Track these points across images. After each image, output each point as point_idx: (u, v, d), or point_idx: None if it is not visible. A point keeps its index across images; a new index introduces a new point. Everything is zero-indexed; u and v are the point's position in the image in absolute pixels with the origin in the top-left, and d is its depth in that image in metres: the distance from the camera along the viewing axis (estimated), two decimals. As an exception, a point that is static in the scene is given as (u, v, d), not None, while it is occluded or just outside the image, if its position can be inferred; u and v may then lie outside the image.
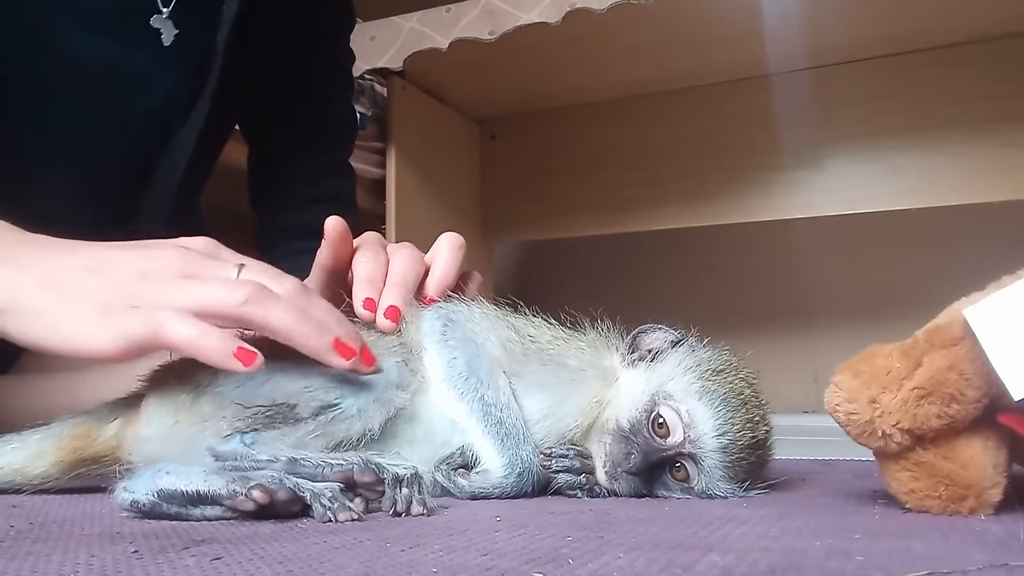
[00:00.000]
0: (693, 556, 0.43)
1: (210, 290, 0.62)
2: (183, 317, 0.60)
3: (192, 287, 0.63)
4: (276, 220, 1.18)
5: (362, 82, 2.01)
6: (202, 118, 1.04)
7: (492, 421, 0.67)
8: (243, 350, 0.59)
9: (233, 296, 0.61)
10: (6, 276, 0.65)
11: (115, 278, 0.64)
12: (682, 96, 2.23)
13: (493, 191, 2.44)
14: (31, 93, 0.95)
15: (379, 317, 0.71)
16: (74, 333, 0.62)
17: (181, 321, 0.60)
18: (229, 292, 0.61)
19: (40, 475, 0.68)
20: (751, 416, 0.67)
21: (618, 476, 0.67)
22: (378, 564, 0.42)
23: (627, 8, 1.69)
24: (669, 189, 2.22)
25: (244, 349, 0.59)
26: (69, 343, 0.63)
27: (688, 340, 0.72)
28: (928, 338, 0.56)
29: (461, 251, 0.80)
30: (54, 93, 0.96)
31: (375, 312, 0.72)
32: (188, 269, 0.64)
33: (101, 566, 0.43)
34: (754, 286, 2.47)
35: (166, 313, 0.60)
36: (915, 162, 2.00)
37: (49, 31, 0.92)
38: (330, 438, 0.64)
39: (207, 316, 0.61)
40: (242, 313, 0.61)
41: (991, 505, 0.55)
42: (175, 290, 0.62)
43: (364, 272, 0.75)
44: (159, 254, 0.66)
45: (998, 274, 0.57)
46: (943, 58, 1.96)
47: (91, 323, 0.62)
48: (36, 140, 0.98)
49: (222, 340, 0.60)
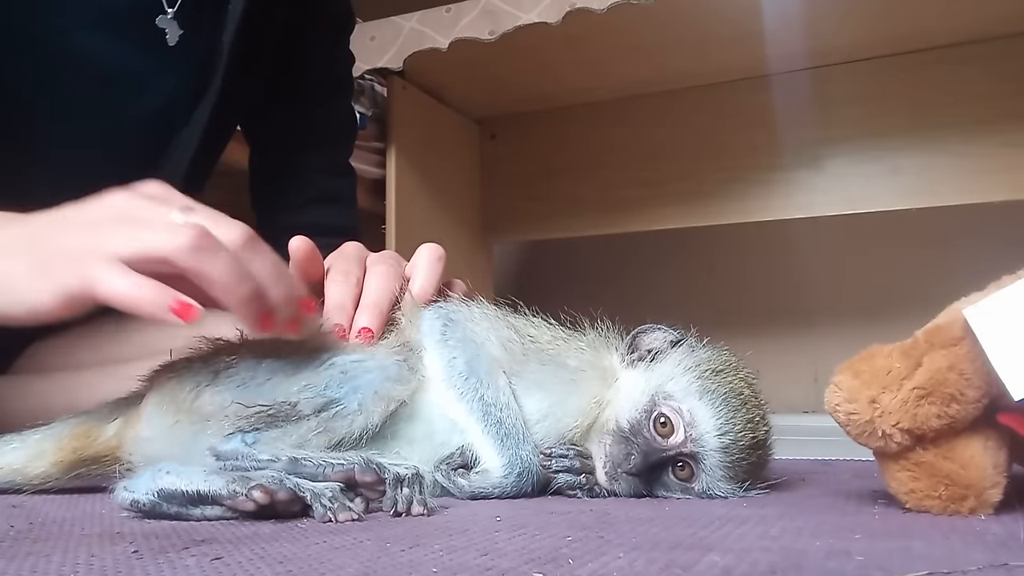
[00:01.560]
0: (693, 556, 0.43)
1: (151, 235, 0.60)
2: (118, 270, 0.58)
3: (133, 232, 0.61)
4: (276, 220, 1.18)
5: (362, 82, 2.01)
6: (205, 118, 1.04)
7: (492, 421, 0.67)
8: (182, 304, 0.57)
9: (174, 241, 0.59)
10: None
11: (60, 233, 0.63)
12: (682, 96, 2.23)
13: (493, 191, 2.44)
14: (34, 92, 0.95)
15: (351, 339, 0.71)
16: (20, 294, 0.62)
17: (116, 274, 0.58)
18: (171, 237, 0.59)
19: (40, 475, 0.68)
20: (751, 416, 0.67)
21: (618, 477, 0.67)
22: (378, 564, 0.42)
23: (627, 8, 1.69)
24: (669, 189, 2.22)
25: (183, 303, 0.57)
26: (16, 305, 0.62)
27: (687, 340, 0.72)
28: (928, 338, 0.56)
29: (440, 263, 0.79)
30: (57, 92, 0.96)
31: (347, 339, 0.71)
32: (131, 213, 0.62)
33: (101, 566, 0.43)
34: (754, 286, 2.47)
35: (101, 266, 0.58)
36: (915, 162, 2.00)
37: (52, 30, 0.92)
38: (332, 435, 0.64)
39: (147, 262, 0.59)
40: (181, 260, 0.59)
41: (991, 505, 0.55)
42: (115, 236, 0.60)
43: (334, 298, 0.74)
44: (105, 201, 0.64)
45: (998, 274, 0.57)
46: (943, 58, 1.96)
47: (34, 280, 0.61)
48: (37, 139, 0.98)
49: (159, 293, 0.58)
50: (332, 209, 1.20)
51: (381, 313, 0.73)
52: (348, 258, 0.79)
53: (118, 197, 0.64)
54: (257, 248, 0.63)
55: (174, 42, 0.98)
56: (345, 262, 0.78)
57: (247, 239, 0.63)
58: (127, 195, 0.64)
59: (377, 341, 0.71)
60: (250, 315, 0.61)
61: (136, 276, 0.58)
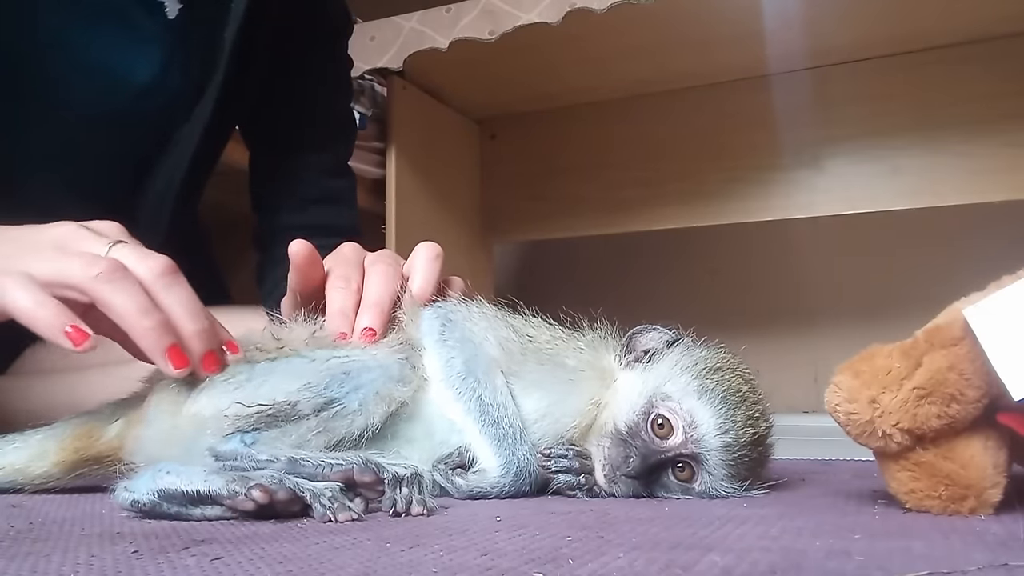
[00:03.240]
0: (693, 556, 0.43)
1: (68, 262, 0.63)
2: (26, 288, 0.61)
3: (57, 258, 0.63)
4: (276, 221, 1.18)
5: (362, 82, 2.01)
6: (206, 115, 1.04)
7: (489, 421, 0.67)
8: (77, 329, 0.60)
9: (86, 270, 0.61)
10: None
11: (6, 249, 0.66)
12: (682, 96, 2.23)
13: (493, 191, 2.44)
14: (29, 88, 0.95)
15: (354, 339, 0.72)
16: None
17: (21, 289, 0.61)
18: (84, 266, 0.62)
19: (42, 475, 0.69)
20: (751, 413, 0.67)
21: (617, 479, 0.67)
22: (378, 564, 0.42)
23: (627, 8, 1.68)
24: (669, 189, 2.22)
25: (78, 329, 0.60)
26: None
27: (684, 340, 0.72)
28: (928, 338, 0.56)
29: (438, 261, 0.79)
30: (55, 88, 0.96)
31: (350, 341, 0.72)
32: (66, 242, 0.65)
33: (101, 566, 0.43)
34: (754, 286, 2.47)
35: (13, 282, 0.61)
36: (916, 162, 1.99)
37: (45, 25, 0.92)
38: (332, 435, 0.64)
39: (61, 287, 0.62)
40: (89, 288, 0.61)
41: (991, 505, 0.55)
42: (41, 260, 0.63)
43: (336, 304, 0.74)
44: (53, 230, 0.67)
45: (998, 274, 0.57)
46: (944, 58, 1.96)
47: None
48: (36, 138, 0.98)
49: (57, 315, 0.60)
50: (332, 210, 1.20)
51: (383, 312, 0.73)
52: (347, 261, 0.79)
53: (63, 228, 0.67)
54: (173, 282, 0.64)
55: (173, 15, 0.98)
56: (344, 266, 0.78)
57: (162, 272, 0.64)
58: (73, 227, 0.67)
59: (379, 340, 0.71)
60: (154, 347, 0.62)
61: (41, 296, 0.61)
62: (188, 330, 0.63)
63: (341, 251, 0.81)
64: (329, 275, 0.78)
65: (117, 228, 0.70)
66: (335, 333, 0.72)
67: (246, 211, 1.23)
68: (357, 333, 0.72)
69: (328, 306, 0.74)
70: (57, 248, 0.65)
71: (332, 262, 0.80)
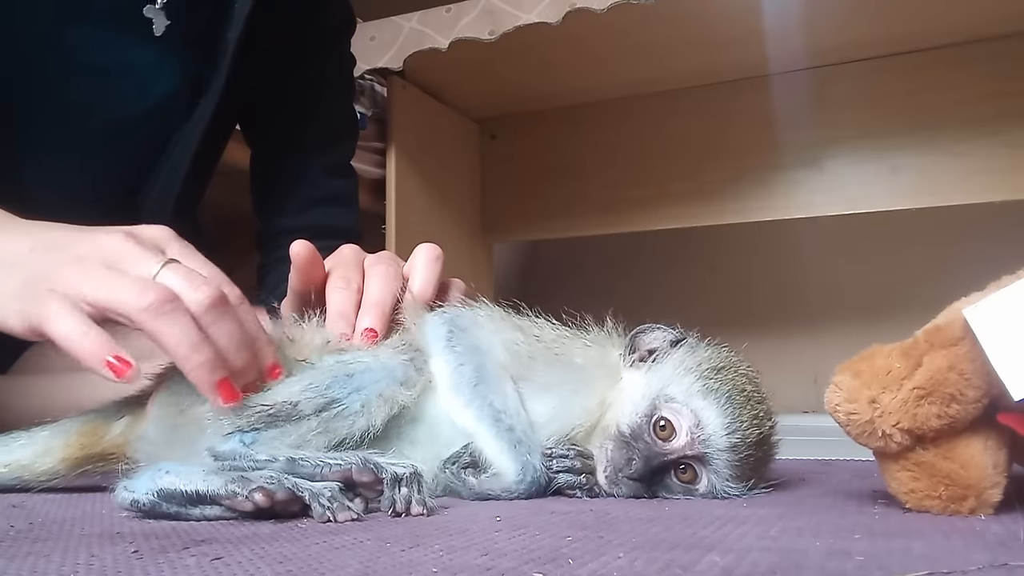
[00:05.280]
0: (693, 556, 0.43)
1: (119, 288, 0.61)
2: (71, 314, 0.60)
3: (106, 280, 0.62)
4: (278, 222, 1.18)
5: (362, 82, 2.01)
6: (207, 115, 1.04)
7: (503, 428, 0.67)
8: (119, 359, 0.59)
9: (137, 301, 0.60)
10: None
11: (50, 260, 0.65)
12: (682, 96, 2.23)
13: (493, 191, 2.44)
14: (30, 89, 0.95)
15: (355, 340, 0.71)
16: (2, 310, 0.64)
17: (67, 315, 0.60)
18: (136, 295, 0.60)
19: (48, 472, 0.69)
20: (756, 412, 0.67)
21: (619, 481, 0.67)
22: (378, 564, 0.42)
23: (627, 8, 1.69)
24: (670, 189, 2.22)
25: (120, 358, 0.59)
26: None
27: (688, 339, 0.72)
28: (928, 338, 0.56)
29: (439, 263, 0.79)
30: (52, 89, 0.96)
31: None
32: (115, 260, 0.64)
33: (101, 566, 0.43)
34: (754, 286, 2.47)
35: (58, 306, 0.60)
36: (915, 162, 2.00)
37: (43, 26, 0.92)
38: (332, 435, 0.64)
39: (108, 311, 0.61)
40: (139, 320, 0.60)
41: (991, 505, 0.55)
42: (90, 280, 0.62)
43: (336, 305, 0.74)
44: (102, 240, 0.65)
45: (998, 274, 0.57)
46: (943, 58, 1.96)
47: (13, 300, 0.64)
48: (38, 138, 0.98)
49: (99, 346, 0.59)
50: (334, 210, 1.20)
51: (384, 313, 0.73)
52: (347, 262, 0.79)
53: (113, 240, 0.65)
54: (223, 312, 0.63)
55: (160, 32, 0.98)
56: (345, 267, 0.78)
57: (213, 302, 0.62)
58: (122, 238, 0.65)
59: (381, 341, 0.71)
60: (204, 382, 0.61)
61: (85, 324, 0.60)
62: (235, 365, 0.63)
63: (341, 252, 0.81)
64: (329, 276, 0.78)
65: (166, 235, 0.68)
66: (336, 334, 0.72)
67: (246, 211, 1.23)
68: (358, 334, 0.71)
69: (328, 307, 0.74)
70: (107, 266, 0.63)
71: (332, 263, 0.80)
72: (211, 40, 1.02)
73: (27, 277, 0.64)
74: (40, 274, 0.64)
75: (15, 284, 0.64)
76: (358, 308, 0.74)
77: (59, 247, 0.66)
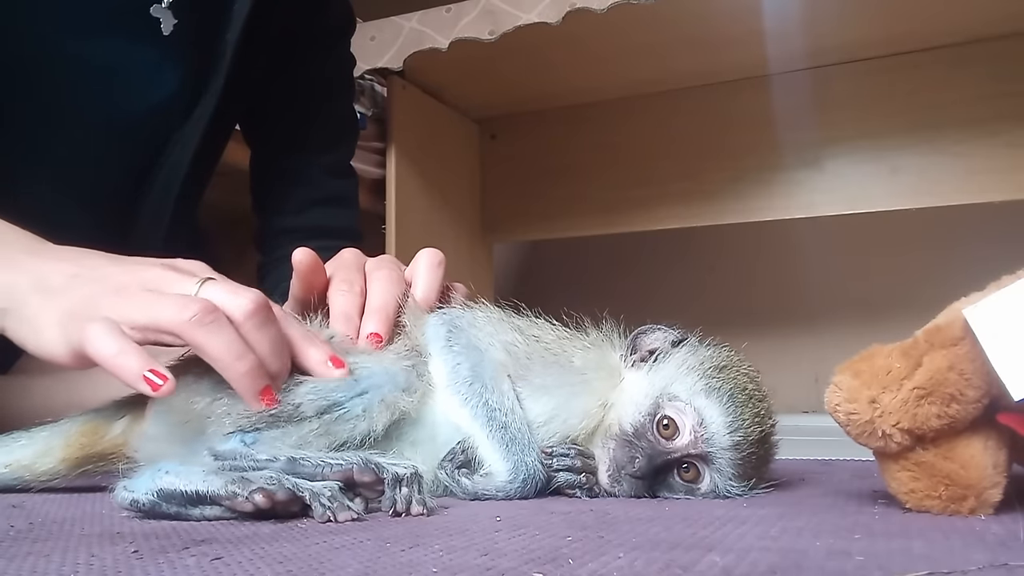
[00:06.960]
0: (693, 556, 0.43)
1: (161, 307, 0.63)
2: (111, 335, 0.61)
3: (149, 302, 0.64)
4: (278, 222, 1.18)
5: (362, 82, 2.01)
6: (207, 116, 1.04)
7: (497, 426, 0.67)
8: (156, 372, 0.60)
9: (180, 315, 0.61)
10: (8, 279, 0.69)
11: (91, 288, 0.66)
12: (682, 96, 2.23)
13: (493, 191, 2.44)
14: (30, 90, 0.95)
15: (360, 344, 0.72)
16: (42, 336, 0.66)
17: (106, 335, 0.61)
18: (178, 311, 0.62)
19: (48, 471, 0.69)
20: (757, 410, 0.67)
21: (621, 480, 0.67)
22: (378, 564, 0.42)
23: (627, 8, 1.69)
24: (670, 189, 2.22)
25: (156, 372, 0.60)
26: (40, 345, 0.67)
27: (689, 339, 0.72)
28: (928, 338, 0.56)
29: (441, 268, 0.79)
30: (53, 89, 0.96)
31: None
32: (156, 284, 0.66)
33: (101, 566, 0.43)
34: (754, 286, 2.47)
35: (98, 328, 0.61)
36: (915, 162, 2.00)
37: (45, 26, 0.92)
38: (333, 437, 0.64)
39: (152, 331, 0.63)
40: (183, 333, 0.62)
41: (991, 505, 0.55)
42: (132, 305, 0.64)
43: (339, 308, 0.74)
44: (140, 270, 0.68)
45: (998, 274, 0.57)
46: (943, 58, 1.96)
47: (56, 328, 0.65)
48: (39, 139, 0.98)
49: (138, 362, 0.60)
50: (333, 210, 1.20)
51: (388, 318, 0.73)
52: (349, 267, 0.79)
53: (152, 271, 0.68)
54: (264, 320, 0.64)
55: (168, 31, 0.98)
56: (346, 270, 0.78)
57: (254, 311, 0.64)
58: (160, 269, 0.68)
59: (385, 346, 0.71)
60: (248, 390, 0.62)
61: (124, 343, 0.61)
62: (274, 368, 0.64)
63: (342, 256, 0.82)
64: (332, 280, 0.78)
65: (203, 266, 0.70)
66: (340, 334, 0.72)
67: (246, 211, 1.23)
68: (362, 338, 0.72)
69: (332, 310, 0.74)
70: (147, 290, 0.65)
71: (333, 267, 0.80)
72: (211, 41, 1.02)
73: (69, 307, 0.65)
74: (82, 305, 0.65)
75: (56, 314, 0.66)
76: (361, 311, 0.74)
77: (100, 278, 0.67)
